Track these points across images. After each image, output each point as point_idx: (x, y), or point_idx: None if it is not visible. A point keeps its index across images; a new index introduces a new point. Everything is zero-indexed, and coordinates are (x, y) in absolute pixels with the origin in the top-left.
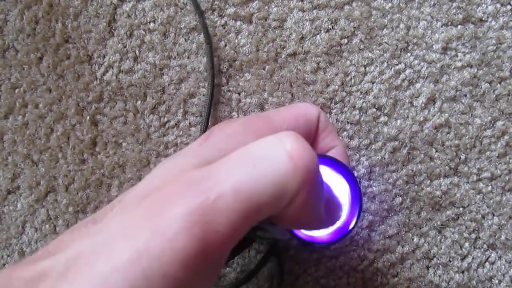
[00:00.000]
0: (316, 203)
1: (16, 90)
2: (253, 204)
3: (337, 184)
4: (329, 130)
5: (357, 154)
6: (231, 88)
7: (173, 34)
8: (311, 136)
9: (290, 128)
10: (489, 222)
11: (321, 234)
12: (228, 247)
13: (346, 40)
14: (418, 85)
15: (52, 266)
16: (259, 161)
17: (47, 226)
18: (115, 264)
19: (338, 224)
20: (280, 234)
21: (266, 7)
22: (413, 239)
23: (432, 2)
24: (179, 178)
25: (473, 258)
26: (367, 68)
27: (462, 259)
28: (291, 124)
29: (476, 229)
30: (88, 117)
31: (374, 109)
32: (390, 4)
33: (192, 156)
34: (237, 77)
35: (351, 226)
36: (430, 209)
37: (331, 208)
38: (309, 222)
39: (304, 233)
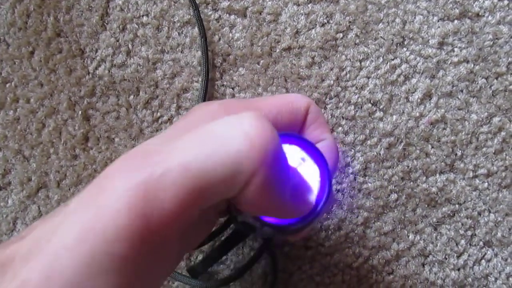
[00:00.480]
0: (277, 187)
1: (7, 85)
2: (203, 181)
3: (307, 167)
4: (319, 122)
5: (352, 150)
6: (225, 83)
7: (166, 28)
8: (296, 127)
9: (270, 114)
10: (485, 219)
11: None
12: (176, 226)
13: (341, 35)
14: (414, 80)
15: (18, 249)
16: (214, 138)
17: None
18: (64, 243)
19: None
20: (250, 220)
21: (260, 1)
22: (408, 236)
23: None
24: (128, 153)
25: (469, 256)
26: (362, 63)
27: (458, 257)
28: (273, 111)
29: (472, 226)
30: (80, 112)
31: (370, 105)
32: None
33: (160, 136)
34: (231, 71)
35: (318, 208)
36: (426, 205)
37: (298, 193)
38: (272, 207)
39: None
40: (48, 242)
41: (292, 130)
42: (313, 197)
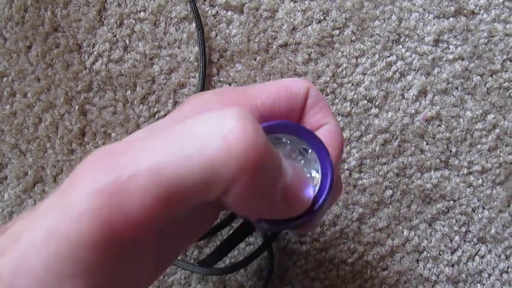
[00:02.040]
0: (263, 193)
1: (4, 79)
2: (174, 188)
3: (307, 158)
4: (321, 106)
5: (348, 146)
6: (221, 79)
7: (163, 23)
8: (296, 112)
9: (268, 101)
10: (479, 216)
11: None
12: (146, 232)
13: (337, 32)
14: (409, 77)
15: None
16: (189, 140)
17: None
18: (33, 242)
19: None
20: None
21: None
22: (403, 232)
23: None
24: (100, 149)
25: (463, 252)
26: (358, 60)
27: (452, 253)
28: (270, 97)
29: (466, 222)
30: (77, 107)
31: (365, 101)
32: None
33: (149, 128)
34: (228, 67)
35: (317, 205)
36: (421, 202)
37: (294, 191)
38: (260, 211)
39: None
40: (20, 239)
41: (292, 116)
42: (311, 192)
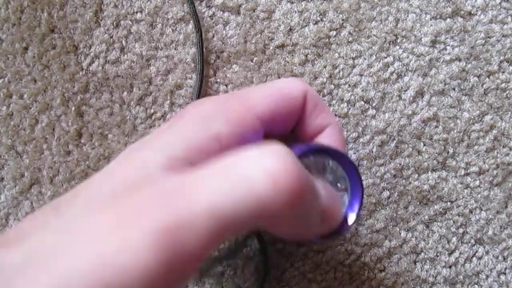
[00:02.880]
0: (304, 223)
1: (1, 80)
2: (228, 224)
3: (337, 175)
4: (320, 108)
5: (345, 148)
6: (218, 80)
7: (160, 24)
8: (294, 116)
9: (268, 109)
10: (477, 217)
11: None
12: (195, 265)
13: (334, 32)
14: (406, 78)
15: (10, 258)
16: (237, 181)
17: None
18: (78, 268)
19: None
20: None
21: None
22: (400, 234)
23: None
24: (151, 186)
25: (460, 253)
26: (355, 61)
27: (450, 254)
28: (270, 105)
29: (464, 223)
30: (73, 108)
31: (362, 102)
32: None
33: (160, 150)
34: (225, 68)
35: (350, 222)
36: (418, 203)
37: (328, 213)
38: (299, 234)
39: None
40: (57, 261)
41: (291, 119)
42: (343, 210)
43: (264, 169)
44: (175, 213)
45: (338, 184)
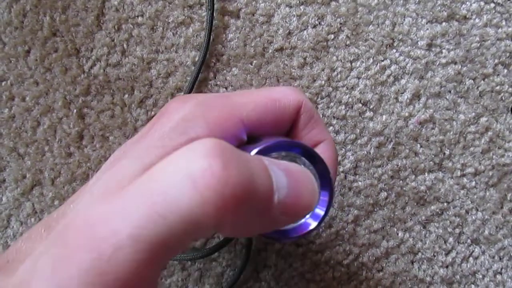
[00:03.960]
0: (258, 215)
1: (3, 83)
2: (159, 248)
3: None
4: (315, 120)
5: (343, 149)
6: (218, 83)
7: (161, 28)
8: (283, 124)
9: (253, 114)
10: (473, 217)
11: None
12: (137, 284)
13: (332, 36)
14: (403, 81)
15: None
16: (161, 195)
17: (32, 219)
18: None
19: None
20: None
21: (253, 2)
22: (398, 234)
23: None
24: (82, 217)
25: (457, 253)
26: (353, 64)
27: (447, 254)
28: (256, 110)
29: (460, 224)
30: (75, 111)
31: (360, 104)
32: (376, 1)
33: (137, 157)
34: (225, 71)
35: (315, 222)
36: (415, 204)
37: (290, 204)
38: (259, 230)
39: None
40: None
41: (278, 128)
42: (315, 196)
43: (189, 176)
44: (99, 250)
45: None
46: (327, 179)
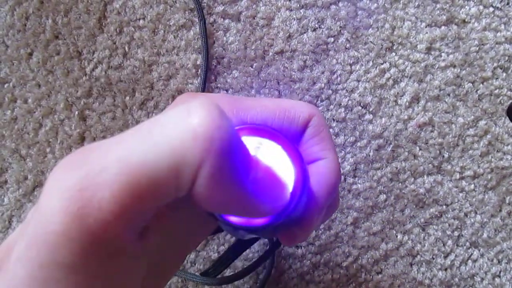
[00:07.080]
0: (232, 178)
1: (5, 85)
2: (143, 177)
3: (282, 162)
4: (322, 137)
5: (343, 152)
6: (219, 85)
7: (162, 31)
8: (290, 136)
9: (259, 117)
10: (472, 220)
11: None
12: (122, 228)
13: (332, 39)
14: (402, 84)
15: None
16: (159, 130)
17: None
18: (17, 254)
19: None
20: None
21: (254, 6)
22: (397, 236)
23: (417, 3)
24: (75, 151)
25: (456, 256)
26: (352, 67)
27: (445, 257)
28: (263, 114)
29: (459, 227)
30: (76, 112)
31: (360, 107)
32: (375, 5)
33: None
34: (225, 74)
35: (291, 206)
36: (414, 206)
37: (265, 187)
38: (231, 202)
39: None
40: (10, 254)
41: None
42: (286, 193)
43: (186, 119)
44: (85, 168)
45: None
46: (301, 170)
